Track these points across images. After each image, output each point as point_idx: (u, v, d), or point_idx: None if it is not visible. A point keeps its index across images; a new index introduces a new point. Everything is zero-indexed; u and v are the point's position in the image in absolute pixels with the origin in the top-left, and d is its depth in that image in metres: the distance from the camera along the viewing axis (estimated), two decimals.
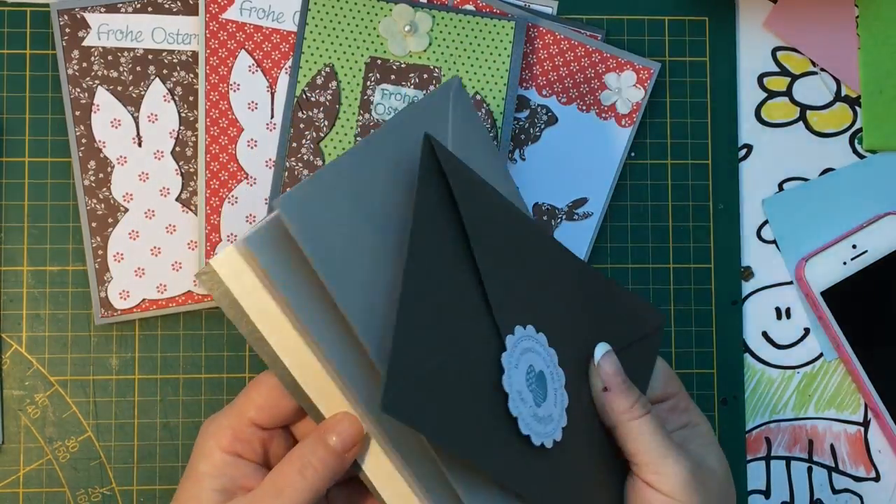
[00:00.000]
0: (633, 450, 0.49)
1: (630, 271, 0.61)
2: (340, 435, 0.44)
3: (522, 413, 0.44)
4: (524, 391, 0.44)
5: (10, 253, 0.59)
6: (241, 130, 0.59)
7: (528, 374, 0.45)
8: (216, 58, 0.58)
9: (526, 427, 0.44)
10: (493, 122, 0.59)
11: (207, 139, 0.58)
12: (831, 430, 0.62)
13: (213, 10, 0.58)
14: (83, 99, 0.58)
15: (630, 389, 0.49)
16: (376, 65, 0.59)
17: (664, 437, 0.49)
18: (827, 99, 0.63)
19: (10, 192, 0.59)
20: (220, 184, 0.58)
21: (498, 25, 0.59)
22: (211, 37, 0.58)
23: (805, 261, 0.61)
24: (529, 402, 0.45)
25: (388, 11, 0.58)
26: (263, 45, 0.59)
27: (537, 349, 0.46)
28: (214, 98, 0.58)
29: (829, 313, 0.61)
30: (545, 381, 0.46)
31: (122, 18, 0.59)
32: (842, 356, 0.62)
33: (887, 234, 0.61)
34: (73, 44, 0.58)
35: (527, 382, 0.45)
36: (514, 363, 0.44)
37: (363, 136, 0.58)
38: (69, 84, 0.58)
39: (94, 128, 0.58)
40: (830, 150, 0.63)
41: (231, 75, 0.59)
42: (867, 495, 0.62)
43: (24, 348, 0.59)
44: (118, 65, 0.59)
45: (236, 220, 0.58)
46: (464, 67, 0.59)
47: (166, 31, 0.59)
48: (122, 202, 0.58)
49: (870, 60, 0.63)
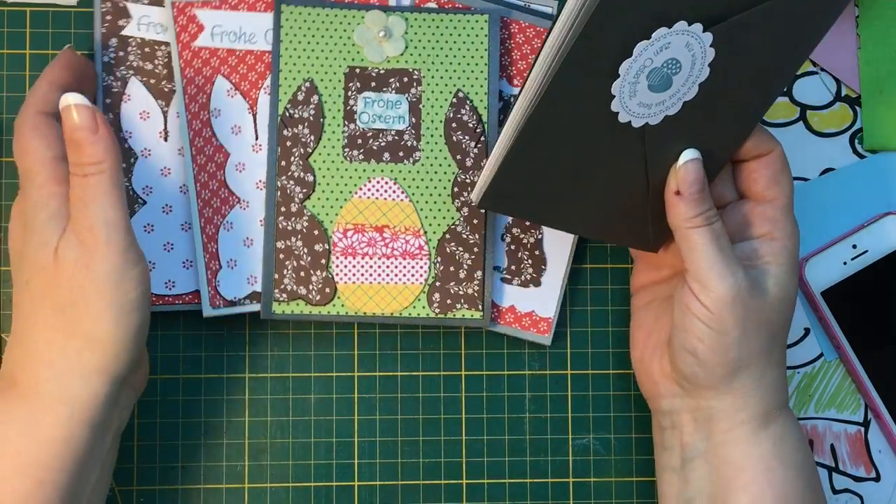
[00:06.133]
0: (686, 256, 0.51)
1: (629, 271, 0.61)
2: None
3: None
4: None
5: None
6: (227, 156, 0.58)
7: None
8: (193, 86, 0.58)
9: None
10: (479, 118, 0.59)
11: (195, 169, 0.58)
12: (831, 430, 0.62)
13: (184, 40, 0.58)
14: (115, 87, 0.58)
15: (701, 200, 0.50)
16: (355, 74, 0.58)
17: (718, 252, 0.50)
18: (827, 99, 0.63)
19: (10, 192, 0.59)
20: (213, 211, 0.58)
21: (472, 20, 0.59)
22: (185, 66, 0.58)
23: (805, 261, 0.61)
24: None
25: (361, 19, 0.58)
26: (239, 68, 0.58)
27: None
28: (197, 126, 0.58)
29: (829, 313, 0.61)
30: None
31: (163, 12, 0.59)
32: (842, 356, 0.62)
33: (887, 234, 0.61)
34: (112, 32, 0.58)
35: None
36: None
37: (350, 147, 0.58)
38: (103, 71, 0.58)
39: (123, 117, 0.58)
40: (830, 150, 0.63)
41: (210, 102, 0.58)
42: (867, 495, 0.62)
43: None
44: (154, 58, 0.59)
45: (234, 245, 0.58)
46: (442, 66, 0.59)
47: None
48: (141, 194, 0.58)
49: (870, 60, 0.63)
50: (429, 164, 0.58)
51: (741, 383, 0.52)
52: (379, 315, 0.58)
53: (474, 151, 0.58)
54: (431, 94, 0.59)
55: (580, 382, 0.61)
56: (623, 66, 0.46)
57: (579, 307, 0.61)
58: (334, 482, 0.60)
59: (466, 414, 0.60)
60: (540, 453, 0.60)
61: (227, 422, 0.60)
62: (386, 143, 0.58)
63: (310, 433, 0.60)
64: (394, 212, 0.58)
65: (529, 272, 0.60)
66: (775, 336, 0.52)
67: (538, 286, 0.60)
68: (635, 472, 0.61)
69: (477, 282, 0.58)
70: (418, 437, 0.60)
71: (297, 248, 0.58)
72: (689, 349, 0.51)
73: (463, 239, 0.58)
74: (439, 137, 0.59)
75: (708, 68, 0.47)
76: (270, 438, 0.60)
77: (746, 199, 0.54)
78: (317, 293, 0.58)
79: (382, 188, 0.58)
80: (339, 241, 0.58)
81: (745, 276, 0.50)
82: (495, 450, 0.60)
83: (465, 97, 0.59)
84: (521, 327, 0.60)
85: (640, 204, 0.53)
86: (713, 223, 0.51)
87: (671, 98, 0.48)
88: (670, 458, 0.55)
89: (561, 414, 0.61)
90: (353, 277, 0.58)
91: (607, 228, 0.55)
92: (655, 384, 0.55)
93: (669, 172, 0.51)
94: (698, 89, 0.48)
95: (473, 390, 0.60)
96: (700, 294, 0.50)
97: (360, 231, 0.58)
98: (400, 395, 0.60)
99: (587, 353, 0.61)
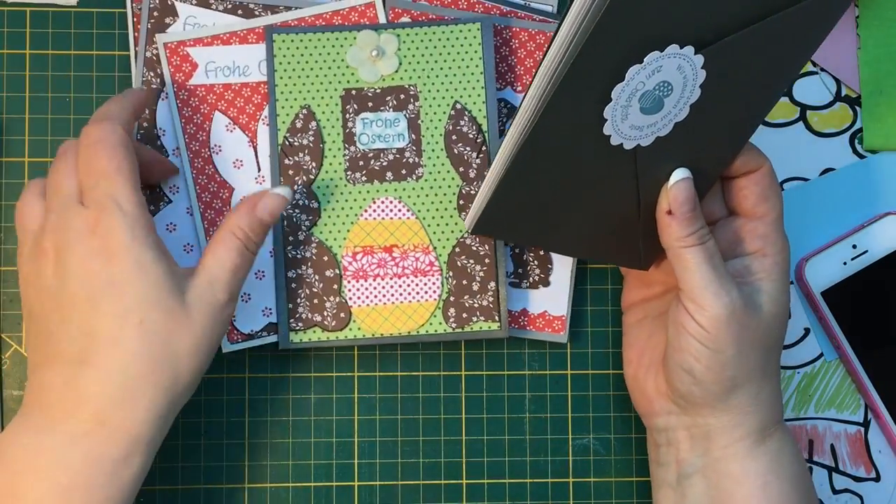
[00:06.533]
0: (680, 275, 0.51)
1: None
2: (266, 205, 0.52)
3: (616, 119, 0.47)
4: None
5: (11, 253, 0.59)
6: (231, 190, 0.58)
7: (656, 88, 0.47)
8: (192, 125, 0.58)
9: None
10: (479, 128, 0.58)
11: (201, 207, 0.58)
12: (831, 431, 0.62)
13: (179, 79, 0.58)
14: (154, 84, 0.58)
15: (693, 220, 0.50)
16: (351, 96, 0.58)
17: (712, 270, 0.50)
18: (827, 99, 0.63)
19: (10, 192, 0.59)
20: None
21: (464, 30, 0.59)
22: (182, 105, 0.58)
23: (805, 261, 0.61)
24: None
25: (353, 40, 0.58)
26: (236, 102, 0.58)
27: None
28: (199, 165, 0.58)
29: (829, 313, 0.61)
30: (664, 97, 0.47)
31: (210, 15, 0.59)
32: (842, 356, 0.62)
33: (887, 234, 0.61)
34: (157, 28, 0.58)
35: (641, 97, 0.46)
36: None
37: (352, 169, 0.58)
38: (144, 66, 0.58)
39: (158, 114, 0.58)
40: (830, 150, 0.63)
41: (210, 139, 0.58)
42: (867, 495, 0.62)
43: (25, 348, 0.59)
44: None
45: (247, 279, 0.58)
46: (438, 79, 0.58)
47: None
48: (167, 192, 0.58)
49: (870, 60, 0.63)
50: (432, 179, 0.58)
51: (738, 401, 0.52)
52: (396, 335, 0.58)
53: (476, 162, 0.58)
54: (429, 108, 0.58)
55: (580, 382, 0.61)
56: (615, 90, 0.46)
57: (579, 307, 0.61)
58: (334, 482, 0.60)
59: (466, 414, 0.60)
60: (540, 453, 0.60)
61: (227, 422, 0.59)
62: (388, 163, 0.58)
63: (310, 433, 0.60)
64: (401, 230, 0.58)
65: (537, 273, 0.60)
66: (770, 352, 0.52)
67: (547, 286, 0.60)
68: (635, 472, 0.61)
69: (491, 293, 0.58)
70: (418, 437, 0.60)
71: (309, 276, 0.58)
72: (685, 368, 0.51)
73: (473, 251, 0.58)
74: (440, 151, 0.58)
75: (699, 89, 0.48)
76: (270, 438, 0.60)
77: (736, 215, 0.54)
78: (332, 319, 0.58)
79: (388, 208, 0.58)
80: (349, 265, 0.58)
81: (740, 293, 0.51)
82: (495, 450, 0.60)
83: (463, 108, 0.58)
84: (535, 328, 0.60)
85: (631, 223, 0.53)
86: (706, 241, 0.51)
87: (662, 120, 0.48)
88: (666, 473, 0.55)
89: (561, 414, 0.61)
90: (366, 300, 0.58)
91: (599, 249, 0.56)
92: (650, 402, 0.55)
93: (661, 193, 0.52)
94: (689, 110, 0.48)
95: (473, 390, 0.60)
96: (695, 313, 0.50)
97: (369, 253, 0.58)
98: (400, 395, 0.60)
99: (587, 353, 0.61)
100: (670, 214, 0.51)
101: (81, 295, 0.48)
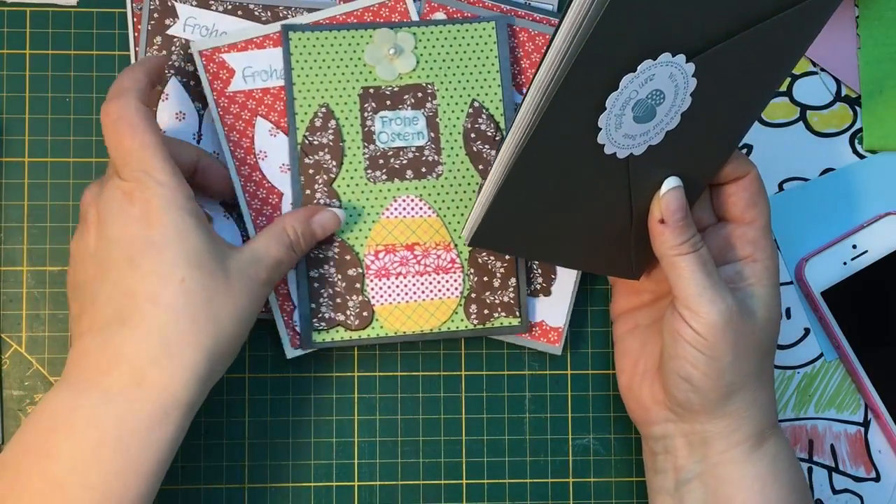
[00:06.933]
0: (674, 283, 0.51)
1: None
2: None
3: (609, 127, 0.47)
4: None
5: (10, 253, 0.59)
6: (281, 195, 0.58)
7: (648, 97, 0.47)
8: (236, 132, 0.57)
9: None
10: (497, 125, 0.58)
11: (252, 214, 0.57)
12: (831, 431, 0.62)
13: (217, 87, 0.57)
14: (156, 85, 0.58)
15: (685, 228, 0.51)
16: (370, 94, 0.58)
17: (706, 277, 0.50)
18: (827, 99, 0.63)
19: (10, 192, 0.59)
20: None
21: (479, 29, 0.59)
22: (224, 113, 0.57)
23: (805, 261, 0.61)
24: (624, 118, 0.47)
25: (370, 38, 0.58)
26: (276, 106, 0.58)
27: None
28: (246, 172, 0.57)
29: (829, 313, 0.61)
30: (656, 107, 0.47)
31: (211, 16, 0.58)
32: (842, 356, 0.62)
33: (887, 234, 0.61)
34: (158, 30, 0.58)
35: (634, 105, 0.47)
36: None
37: (372, 168, 0.58)
38: None
39: (159, 115, 0.58)
40: (830, 150, 0.63)
41: (255, 145, 0.58)
42: (867, 495, 0.62)
43: (24, 348, 0.59)
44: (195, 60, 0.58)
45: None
46: (455, 78, 0.58)
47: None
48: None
49: (870, 60, 0.63)
50: (451, 176, 0.58)
51: (735, 406, 0.52)
52: (419, 333, 0.58)
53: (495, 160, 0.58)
54: (447, 106, 0.58)
55: (580, 382, 0.61)
56: (610, 98, 0.46)
57: (579, 307, 0.61)
58: (334, 482, 0.60)
59: (466, 414, 0.60)
60: (540, 453, 0.60)
61: (227, 422, 0.59)
62: (407, 161, 0.58)
63: (310, 433, 0.60)
64: (422, 228, 0.58)
65: (539, 282, 0.60)
66: (765, 357, 0.53)
67: (548, 295, 0.60)
68: (635, 472, 0.61)
69: (511, 288, 0.58)
70: (418, 437, 0.60)
71: (331, 276, 0.58)
72: (683, 376, 0.51)
73: None
74: (459, 149, 0.58)
75: (690, 97, 0.48)
76: (270, 438, 0.60)
77: (725, 222, 0.54)
78: (355, 318, 0.58)
79: (409, 206, 0.58)
80: (371, 264, 0.58)
81: (734, 299, 0.51)
82: (495, 450, 0.60)
83: (481, 106, 0.59)
84: (531, 337, 0.60)
85: (622, 233, 0.54)
86: (699, 249, 0.51)
87: (655, 128, 0.49)
88: (664, 481, 0.55)
89: (561, 414, 0.61)
90: (389, 298, 0.58)
91: (590, 258, 0.56)
92: (646, 410, 0.55)
93: (652, 202, 0.52)
94: (680, 118, 0.49)
95: (473, 390, 0.60)
96: (691, 320, 0.50)
97: (391, 251, 0.58)
98: (400, 395, 0.60)
99: (587, 353, 0.61)
100: (663, 223, 0.51)
101: (122, 257, 0.48)
